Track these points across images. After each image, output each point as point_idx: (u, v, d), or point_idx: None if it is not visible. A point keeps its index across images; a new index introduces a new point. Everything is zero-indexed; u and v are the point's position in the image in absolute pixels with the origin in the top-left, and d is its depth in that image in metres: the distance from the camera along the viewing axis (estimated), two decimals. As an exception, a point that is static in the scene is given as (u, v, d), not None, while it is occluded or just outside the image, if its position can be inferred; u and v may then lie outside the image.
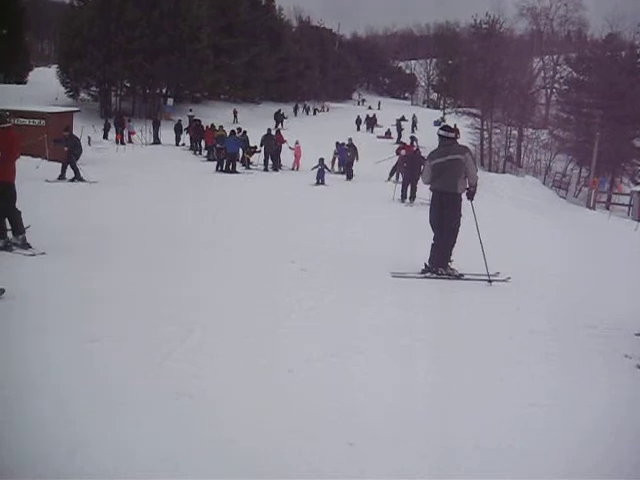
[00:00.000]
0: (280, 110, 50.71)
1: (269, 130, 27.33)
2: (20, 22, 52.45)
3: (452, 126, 10.60)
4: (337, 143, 27.24)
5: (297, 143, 27.01)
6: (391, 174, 23.25)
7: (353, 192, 19.83)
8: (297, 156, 26.99)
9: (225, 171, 23.83)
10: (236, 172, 23.85)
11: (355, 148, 25.12)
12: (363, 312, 6.51)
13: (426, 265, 8.38)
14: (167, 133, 33.93)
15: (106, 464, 3.41)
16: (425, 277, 8.28)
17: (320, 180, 22.09)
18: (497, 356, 5.41)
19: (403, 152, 22.29)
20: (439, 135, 8.65)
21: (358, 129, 51.63)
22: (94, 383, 4.37)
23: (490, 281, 8.11)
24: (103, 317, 5.81)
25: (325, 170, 22.86)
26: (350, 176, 24.53)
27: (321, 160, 23.20)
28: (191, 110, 42.98)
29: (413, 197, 18.01)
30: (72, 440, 3.59)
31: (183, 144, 33.13)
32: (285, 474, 3.48)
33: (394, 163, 23.34)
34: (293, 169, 26.60)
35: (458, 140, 9.04)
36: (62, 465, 3.37)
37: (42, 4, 68.26)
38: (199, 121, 33.07)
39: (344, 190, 20.65)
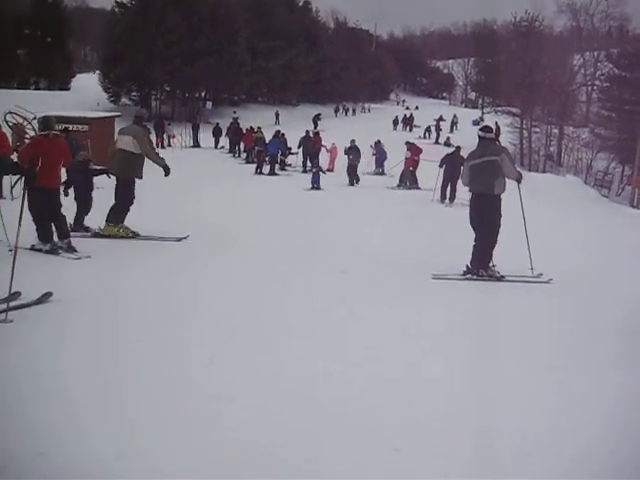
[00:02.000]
0: (319, 113, 50.85)
1: (307, 132, 27.40)
2: (63, 30, 53.65)
3: (493, 126, 10.52)
4: (375, 143, 26.63)
5: (333, 144, 26.93)
6: (401, 180, 22.01)
7: (375, 196, 19.07)
8: (332, 157, 26.90)
9: (269, 174, 24.02)
10: (275, 174, 23.97)
11: (358, 150, 23.38)
12: (405, 314, 6.51)
13: (468, 267, 8.34)
14: (206, 136, 34.24)
15: (148, 466, 3.48)
16: (466, 279, 8.24)
17: (315, 185, 20.32)
18: (540, 360, 5.37)
19: (408, 154, 21.84)
20: (478, 136, 8.62)
21: (394, 129, 51.51)
22: (137, 384, 4.45)
23: (529, 282, 8.06)
24: (146, 320, 5.92)
25: (320, 173, 20.91)
26: (352, 182, 22.19)
27: (316, 163, 22.06)
28: (235, 112, 43.42)
29: (453, 198, 17.88)
30: (118, 442, 3.67)
31: (222, 147, 33.40)
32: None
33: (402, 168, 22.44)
34: (328, 170, 26.45)
35: (499, 140, 8.99)
36: (107, 466, 3.45)
37: (84, 12, 69.57)
38: (238, 123, 33.32)
39: (358, 194, 19.71)
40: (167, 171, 9.96)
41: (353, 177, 22.30)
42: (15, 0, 57.05)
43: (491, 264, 8.35)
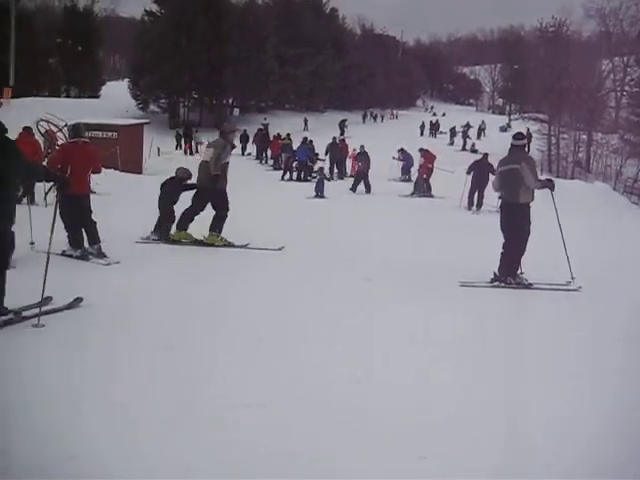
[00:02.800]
0: (345, 119, 50.92)
1: (334, 139, 27.49)
2: (94, 39, 54.55)
3: (524, 133, 10.50)
4: (401, 149, 26.42)
5: (355, 150, 26.86)
6: (415, 188, 21.57)
7: (391, 204, 18.70)
8: (354, 163, 26.79)
9: (297, 180, 24.14)
10: (307, 180, 24.06)
11: (367, 156, 22.72)
12: (432, 322, 6.49)
13: (495, 274, 8.32)
14: (233, 143, 34.44)
15: (175, 470, 3.51)
16: (494, 286, 8.21)
17: (319, 192, 19.61)
18: (568, 368, 5.33)
19: (422, 161, 21.51)
20: (511, 143, 8.68)
21: (422, 134, 51.44)
22: (165, 389, 4.49)
23: (557, 289, 8.01)
24: (175, 325, 5.99)
25: (325, 180, 20.28)
26: (355, 188, 21.38)
27: (320, 170, 21.35)
28: (265, 119, 43.82)
29: (480, 205, 17.80)
30: (141, 446, 3.71)
31: (249, 153, 33.63)
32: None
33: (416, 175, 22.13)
34: (352, 176, 26.35)
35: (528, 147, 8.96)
36: (134, 470, 3.50)
37: (114, 21, 70.46)
38: (265, 130, 33.54)
39: (372, 202, 19.09)
40: (215, 183, 10.05)
41: (358, 183, 21.50)
42: (47, 10, 58.24)
43: (519, 271, 8.31)
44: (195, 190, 10.36)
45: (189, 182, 10.72)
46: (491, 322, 6.61)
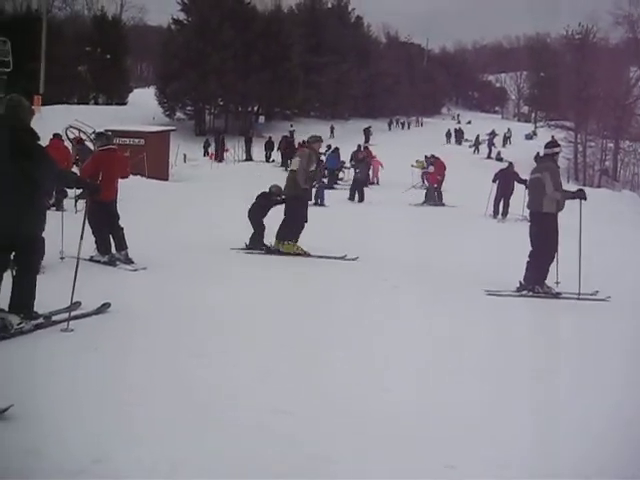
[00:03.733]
0: (369, 126, 50.94)
1: (359, 146, 27.52)
2: (121, 47, 55.26)
3: (555, 141, 10.50)
4: (426, 157, 26.19)
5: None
6: (426, 196, 21.21)
7: (405, 212, 18.59)
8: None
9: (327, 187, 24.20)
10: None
11: (366, 163, 22.53)
12: (460, 332, 6.45)
13: (521, 283, 8.27)
14: (258, 150, 34.66)
15: (202, 474, 3.53)
16: (521, 295, 8.16)
17: (319, 200, 18.89)
18: (600, 379, 5.27)
19: (431, 169, 21.31)
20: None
21: (447, 142, 51.27)
22: (195, 397, 4.51)
23: (585, 299, 7.94)
24: (203, 332, 6.01)
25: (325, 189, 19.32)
26: (353, 196, 20.89)
27: (319, 177, 18.84)
28: (292, 125, 44.14)
29: (505, 213, 17.72)
30: (173, 455, 3.72)
31: (273, 160, 33.79)
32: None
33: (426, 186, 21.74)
34: (371, 183, 26.26)
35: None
36: (160, 473, 3.53)
37: (141, 29, 71.25)
38: (291, 137, 33.69)
39: (386, 211, 18.61)
40: (302, 192, 10.29)
41: (354, 192, 20.88)
42: (77, 20, 59.15)
43: (555, 280, 8.26)
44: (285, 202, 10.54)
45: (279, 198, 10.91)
46: (520, 332, 6.55)
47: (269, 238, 10.50)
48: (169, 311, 6.66)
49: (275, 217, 10.60)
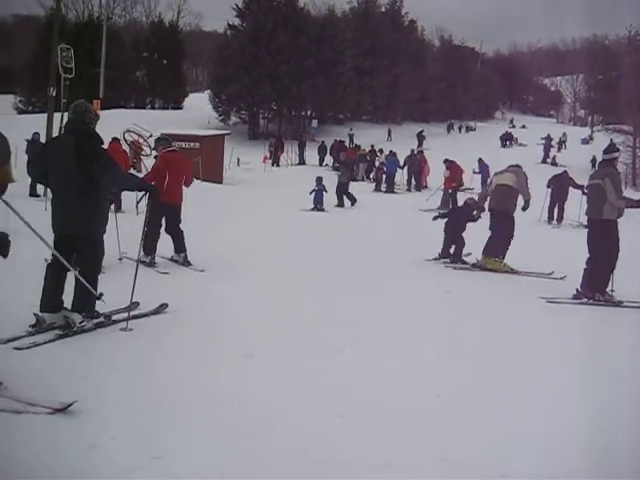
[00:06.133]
0: (422, 130, 50.61)
1: (412, 151, 27.41)
2: (178, 53, 56.38)
3: (615, 146, 10.22)
4: (479, 160, 25.55)
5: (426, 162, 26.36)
6: (442, 202, 20.21)
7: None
8: (425, 174, 26.40)
9: (386, 191, 24.20)
10: (394, 192, 24.08)
11: (349, 166, 21.64)
12: (519, 339, 6.37)
13: (578, 290, 8.11)
14: (312, 154, 34.79)
15: (256, 476, 3.57)
16: (581, 303, 7.99)
17: (319, 205, 18.26)
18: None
19: (447, 173, 20.55)
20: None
21: (503, 146, 50.48)
22: (245, 398, 4.55)
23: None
24: (256, 334, 6.07)
25: (324, 192, 18.47)
26: (342, 202, 19.65)
27: (319, 180, 18.72)
28: (351, 129, 44.54)
29: (560, 219, 17.41)
30: (222, 450, 3.79)
31: (326, 164, 33.89)
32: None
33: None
34: (424, 187, 26.03)
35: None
36: (214, 472, 3.59)
37: (197, 35, 72.43)
38: (343, 141, 33.74)
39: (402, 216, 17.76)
40: (527, 205, 10.15)
41: (341, 196, 19.79)
42: (135, 26, 60.57)
43: (609, 288, 8.09)
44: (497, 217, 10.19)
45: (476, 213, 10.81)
46: (580, 340, 6.41)
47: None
48: (224, 312, 6.73)
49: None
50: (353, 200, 19.81)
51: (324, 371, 5.19)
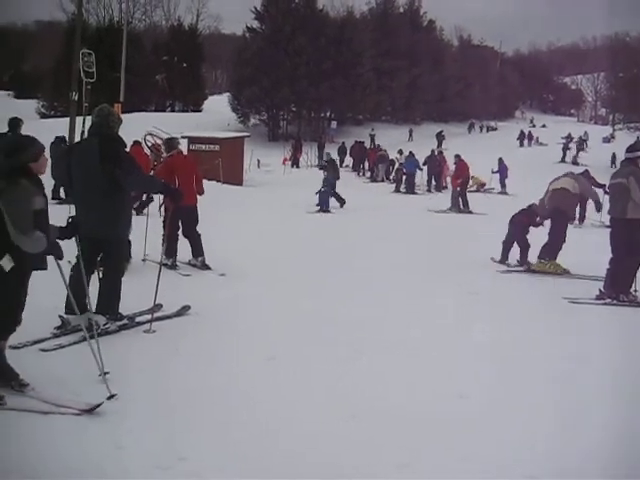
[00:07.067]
0: (442, 130, 50.42)
1: (432, 151, 27.32)
2: (197, 56, 56.72)
3: (636, 144, 10.10)
4: (500, 159, 25.48)
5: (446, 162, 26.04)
6: (452, 202, 19.72)
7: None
8: (444, 173, 26.14)
9: (406, 192, 24.18)
10: (414, 193, 24.02)
11: (335, 165, 21.02)
12: (542, 341, 6.32)
13: (601, 291, 8.04)
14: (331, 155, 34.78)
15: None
16: (604, 304, 7.90)
17: (324, 206, 17.55)
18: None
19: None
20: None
21: (521, 145, 50.15)
22: (265, 400, 4.59)
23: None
24: (277, 336, 6.09)
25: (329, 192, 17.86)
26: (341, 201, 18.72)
27: (325, 180, 18.39)
28: (373, 129, 44.85)
29: (582, 218, 17.22)
30: (245, 451, 3.82)
31: (346, 165, 33.88)
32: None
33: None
34: (445, 187, 25.79)
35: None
36: (239, 473, 3.62)
37: (216, 38, 72.65)
38: (362, 142, 33.72)
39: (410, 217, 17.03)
40: (599, 205, 10.10)
41: (339, 196, 18.83)
42: (155, 30, 61.05)
43: (633, 289, 8.00)
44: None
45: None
46: (604, 341, 6.31)
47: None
48: (246, 315, 6.76)
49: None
50: (342, 202, 18.73)
51: (346, 373, 5.19)
